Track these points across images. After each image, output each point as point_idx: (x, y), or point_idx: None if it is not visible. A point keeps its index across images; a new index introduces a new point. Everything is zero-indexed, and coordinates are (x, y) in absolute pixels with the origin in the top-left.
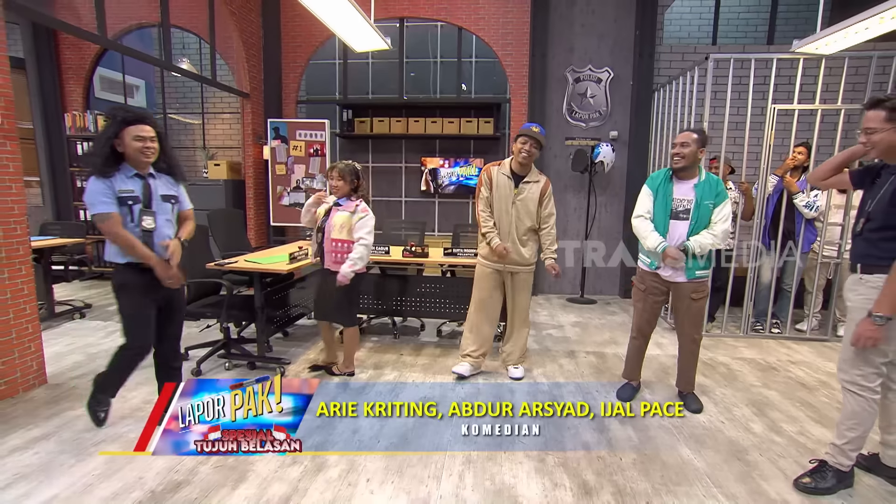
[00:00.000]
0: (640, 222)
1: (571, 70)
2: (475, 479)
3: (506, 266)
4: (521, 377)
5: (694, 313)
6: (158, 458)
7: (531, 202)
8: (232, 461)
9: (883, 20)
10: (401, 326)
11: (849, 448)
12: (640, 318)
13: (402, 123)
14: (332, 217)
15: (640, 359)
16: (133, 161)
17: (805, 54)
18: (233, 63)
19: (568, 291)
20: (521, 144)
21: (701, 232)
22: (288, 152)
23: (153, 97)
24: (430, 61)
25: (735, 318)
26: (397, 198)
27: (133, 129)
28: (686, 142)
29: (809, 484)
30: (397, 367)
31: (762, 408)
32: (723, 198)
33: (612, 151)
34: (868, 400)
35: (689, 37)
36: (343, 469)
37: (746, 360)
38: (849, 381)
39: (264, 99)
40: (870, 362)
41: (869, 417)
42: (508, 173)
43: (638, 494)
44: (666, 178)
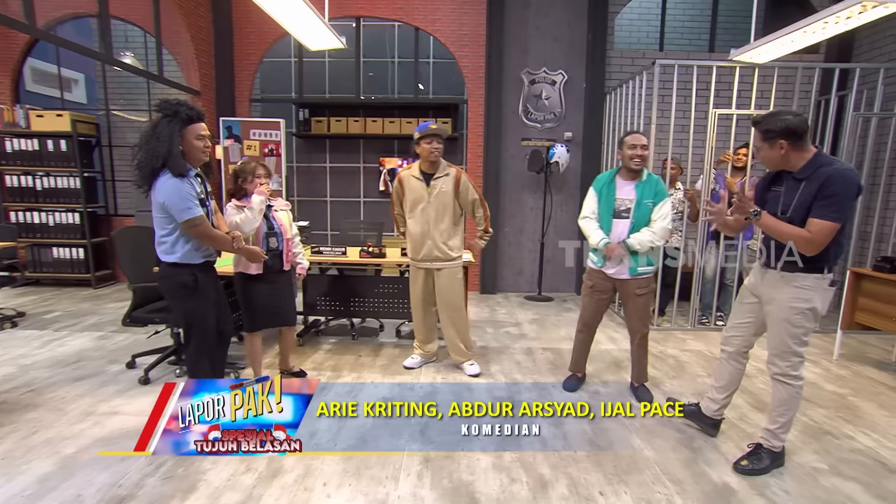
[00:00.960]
0: (585, 222)
1: (527, 72)
2: (433, 478)
3: (432, 263)
4: (477, 374)
5: (640, 308)
6: (101, 471)
7: (446, 195)
8: (181, 471)
9: (805, 34)
10: (359, 327)
11: (780, 431)
12: (586, 312)
13: (359, 123)
14: (279, 219)
15: (585, 351)
16: (193, 160)
17: (741, 63)
18: (182, 59)
19: (525, 289)
20: (428, 145)
21: (641, 229)
22: (242, 152)
23: (94, 92)
24: (387, 61)
25: (684, 312)
26: (356, 198)
27: (196, 127)
28: (645, 144)
29: (747, 466)
30: (356, 369)
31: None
32: (662, 197)
33: (567, 152)
34: (795, 387)
35: (638, 42)
36: (299, 474)
37: (694, 352)
38: (779, 374)
39: (216, 97)
40: (797, 353)
41: (796, 402)
42: (419, 175)
43: (591, 485)
44: (609, 179)
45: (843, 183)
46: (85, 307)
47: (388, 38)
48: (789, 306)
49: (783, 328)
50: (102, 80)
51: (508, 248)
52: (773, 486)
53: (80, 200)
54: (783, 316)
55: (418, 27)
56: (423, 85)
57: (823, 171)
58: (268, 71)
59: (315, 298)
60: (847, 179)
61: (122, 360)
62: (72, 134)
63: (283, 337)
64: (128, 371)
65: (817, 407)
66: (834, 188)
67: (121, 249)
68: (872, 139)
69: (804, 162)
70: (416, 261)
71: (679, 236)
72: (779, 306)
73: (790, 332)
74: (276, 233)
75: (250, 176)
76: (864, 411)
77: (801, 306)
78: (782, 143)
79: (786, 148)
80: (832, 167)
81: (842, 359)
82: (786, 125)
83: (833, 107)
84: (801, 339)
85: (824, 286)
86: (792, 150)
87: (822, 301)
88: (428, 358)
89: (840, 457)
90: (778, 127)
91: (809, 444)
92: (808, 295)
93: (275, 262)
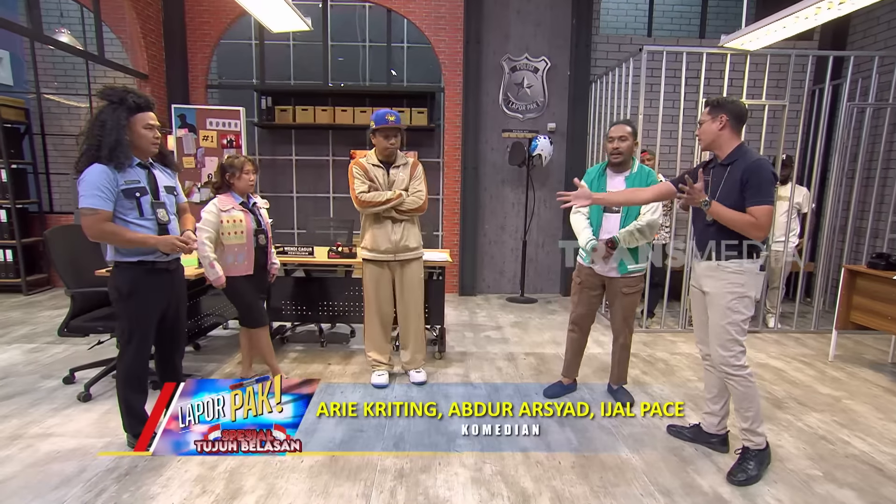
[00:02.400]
0: (575, 219)
1: (507, 59)
2: (407, 495)
3: (395, 256)
4: (424, 381)
5: (626, 307)
6: (31, 501)
7: (403, 184)
8: (126, 497)
9: (798, 19)
10: (328, 333)
11: (755, 426)
12: (576, 310)
13: (328, 113)
14: (263, 215)
15: (577, 353)
16: (142, 152)
17: (732, 49)
18: (126, 38)
19: (507, 291)
20: (384, 139)
21: (630, 224)
22: (197, 143)
23: (22, 73)
24: (358, 45)
25: (674, 313)
26: (324, 194)
27: (145, 115)
28: (624, 136)
29: (742, 478)
30: (325, 378)
31: (697, 401)
32: None
33: (550, 144)
34: (744, 378)
35: (625, 27)
36: (261, 495)
37: (684, 355)
38: (724, 365)
39: (167, 82)
40: (737, 342)
41: (754, 392)
42: (377, 163)
43: (577, 498)
44: (600, 172)
45: (766, 170)
46: (14, 316)
47: (358, 21)
48: (725, 293)
49: (721, 316)
50: (32, 60)
51: (489, 247)
52: (766, 494)
53: (6, 196)
54: (721, 303)
55: (391, 9)
56: (397, 72)
57: (746, 160)
58: (226, 54)
59: (280, 302)
60: (765, 168)
61: (59, 375)
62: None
63: (255, 339)
64: (65, 387)
65: (812, 411)
66: (760, 176)
67: (56, 251)
68: (867, 130)
69: (731, 149)
70: (378, 252)
71: (666, 232)
72: (716, 295)
73: (729, 318)
74: (263, 230)
75: (238, 172)
76: (860, 415)
77: (736, 291)
78: (724, 117)
79: (724, 123)
80: (752, 158)
81: (837, 360)
82: (733, 104)
83: (827, 96)
84: (741, 327)
85: (755, 271)
86: (729, 129)
87: (756, 286)
88: (392, 369)
89: (835, 462)
90: (725, 103)
91: (803, 449)
92: (742, 279)
93: (260, 259)
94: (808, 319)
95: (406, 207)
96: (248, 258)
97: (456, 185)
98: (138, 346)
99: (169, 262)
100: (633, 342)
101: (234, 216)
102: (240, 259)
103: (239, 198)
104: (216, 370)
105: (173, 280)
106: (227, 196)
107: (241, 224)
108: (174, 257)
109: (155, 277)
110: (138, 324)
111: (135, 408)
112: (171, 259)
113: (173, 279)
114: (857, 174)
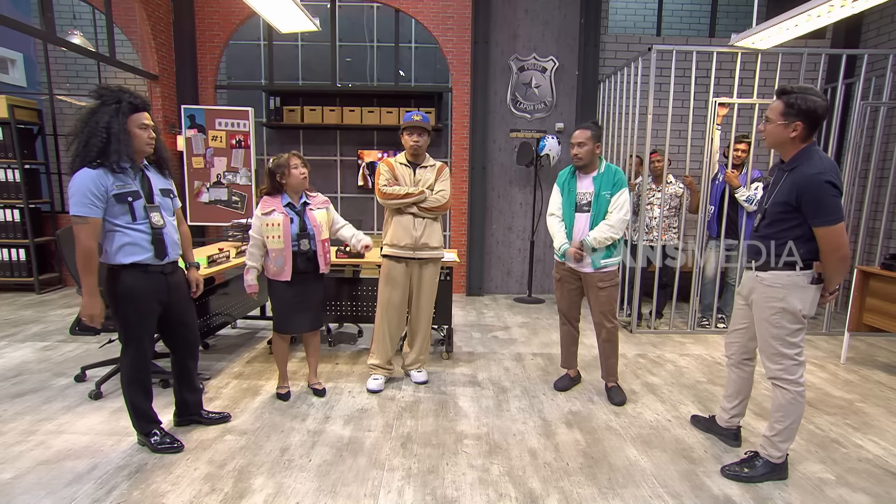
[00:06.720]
0: (550, 221)
1: (516, 58)
2: (415, 495)
3: (415, 253)
4: (426, 380)
5: (602, 302)
6: (44, 498)
7: (428, 183)
8: (137, 494)
9: (810, 18)
10: (336, 333)
11: (778, 440)
12: (561, 303)
13: (336, 113)
14: (314, 218)
15: (571, 345)
16: (137, 153)
17: (742, 49)
18: (137, 40)
19: (515, 291)
20: (409, 136)
21: (599, 224)
22: (206, 143)
23: (35, 74)
24: (366, 45)
25: (683, 314)
26: (332, 193)
27: (140, 116)
28: (582, 141)
29: (737, 471)
30: (332, 378)
31: (707, 404)
32: (619, 187)
33: (558, 144)
34: (793, 393)
35: (634, 27)
36: (269, 493)
37: (693, 357)
38: (773, 377)
39: (177, 82)
40: (785, 356)
41: (795, 409)
42: (406, 162)
43: (584, 499)
44: (571, 173)
45: (821, 185)
46: (27, 314)
47: (366, 21)
48: (765, 306)
49: (764, 329)
50: (45, 62)
51: (496, 247)
52: (776, 498)
53: (20, 195)
54: (762, 316)
55: (399, 9)
56: (405, 72)
57: (803, 170)
58: (235, 55)
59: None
60: (820, 182)
61: (70, 373)
62: (9, 121)
63: (306, 342)
64: (76, 385)
65: (823, 414)
66: (815, 192)
67: (68, 250)
68: (881, 129)
69: (795, 151)
70: (399, 248)
71: (674, 233)
72: (757, 307)
73: (771, 332)
74: (308, 234)
75: (286, 168)
76: (873, 418)
77: (775, 305)
78: (799, 125)
79: (799, 132)
80: (810, 172)
81: (849, 362)
82: (814, 111)
83: (840, 95)
84: (786, 341)
85: (801, 284)
86: (803, 136)
87: (802, 300)
88: (389, 375)
89: (847, 466)
90: (805, 106)
91: (815, 453)
92: (781, 293)
93: (306, 266)
94: (820, 321)
95: (428, 205)
96: (287, 263)
97: (464, 185)
98: (136, 348)
99: (164, 266)
100: (639, 343)
101: (272, 220)
102: (278, 264)
103: (287, 198)
104: (224, 370)
105: (169, 283)
106: (272, 198)
107: (279, 228)
108: (169, 260)
109: (148, 280)
110: (134, 326)
111: (140, 408)
112: (166, 262)
113: (169, 282)
114: (871, 174)
